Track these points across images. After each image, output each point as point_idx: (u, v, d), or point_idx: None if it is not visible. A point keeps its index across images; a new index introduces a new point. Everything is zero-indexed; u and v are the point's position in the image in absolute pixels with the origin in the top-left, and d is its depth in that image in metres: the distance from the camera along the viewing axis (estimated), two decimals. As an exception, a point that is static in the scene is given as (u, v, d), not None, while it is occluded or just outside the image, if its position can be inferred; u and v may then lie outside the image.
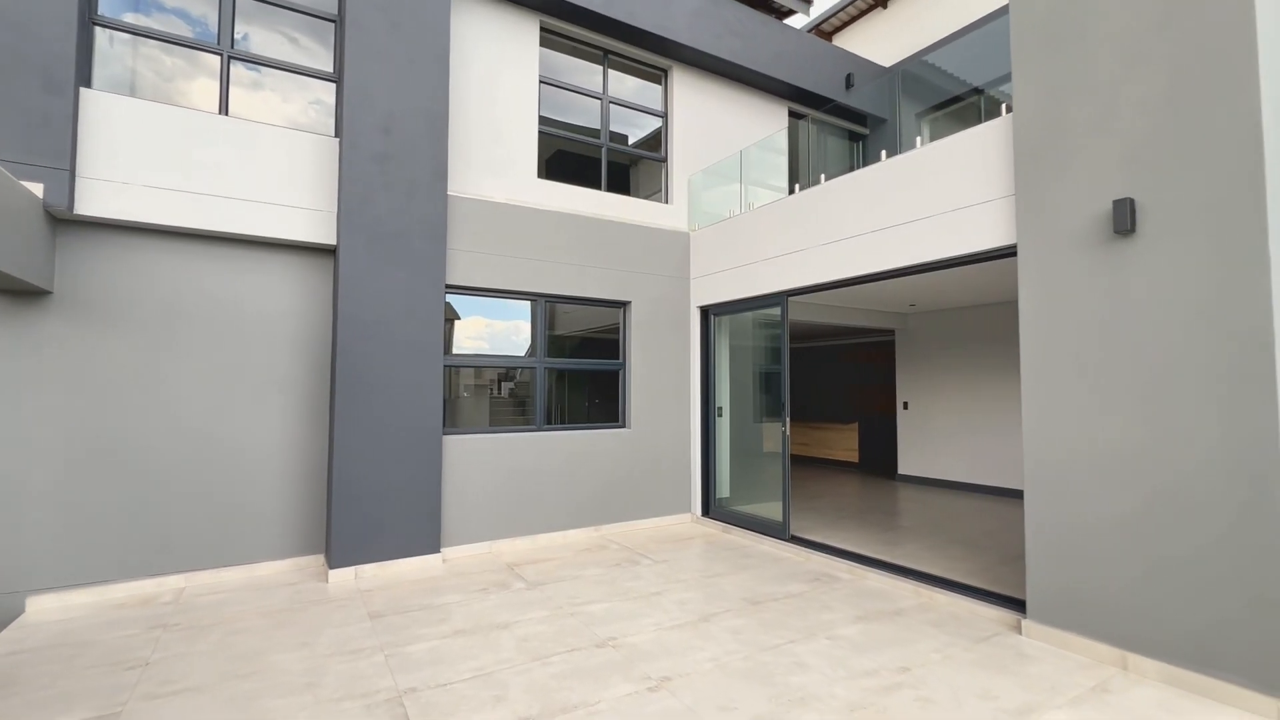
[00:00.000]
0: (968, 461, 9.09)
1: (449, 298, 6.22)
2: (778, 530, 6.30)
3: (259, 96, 5.56)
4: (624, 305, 7.22)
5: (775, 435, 6.50)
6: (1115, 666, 3.52)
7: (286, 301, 5.57)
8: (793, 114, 9.10)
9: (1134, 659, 3.46)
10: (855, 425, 11.40)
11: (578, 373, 7.18)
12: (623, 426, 7.10)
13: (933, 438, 9.64)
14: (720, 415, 7.45)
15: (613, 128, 7.60)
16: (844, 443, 11.60)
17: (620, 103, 7.51)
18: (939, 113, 9.57)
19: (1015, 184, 4.17)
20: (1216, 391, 3.23)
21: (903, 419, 10.04)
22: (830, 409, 12.42)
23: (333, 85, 5.78)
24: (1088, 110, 3.78)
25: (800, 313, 7.92)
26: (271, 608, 4.53)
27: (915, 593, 4.80)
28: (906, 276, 5.32)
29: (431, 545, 5.62)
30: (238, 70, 5.44)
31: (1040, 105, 4.04)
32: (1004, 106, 4.40)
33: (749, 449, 7.27)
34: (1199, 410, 3.29)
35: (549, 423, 6.79)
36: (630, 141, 7.87)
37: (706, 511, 7.34)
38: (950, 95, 9.20)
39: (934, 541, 6.18)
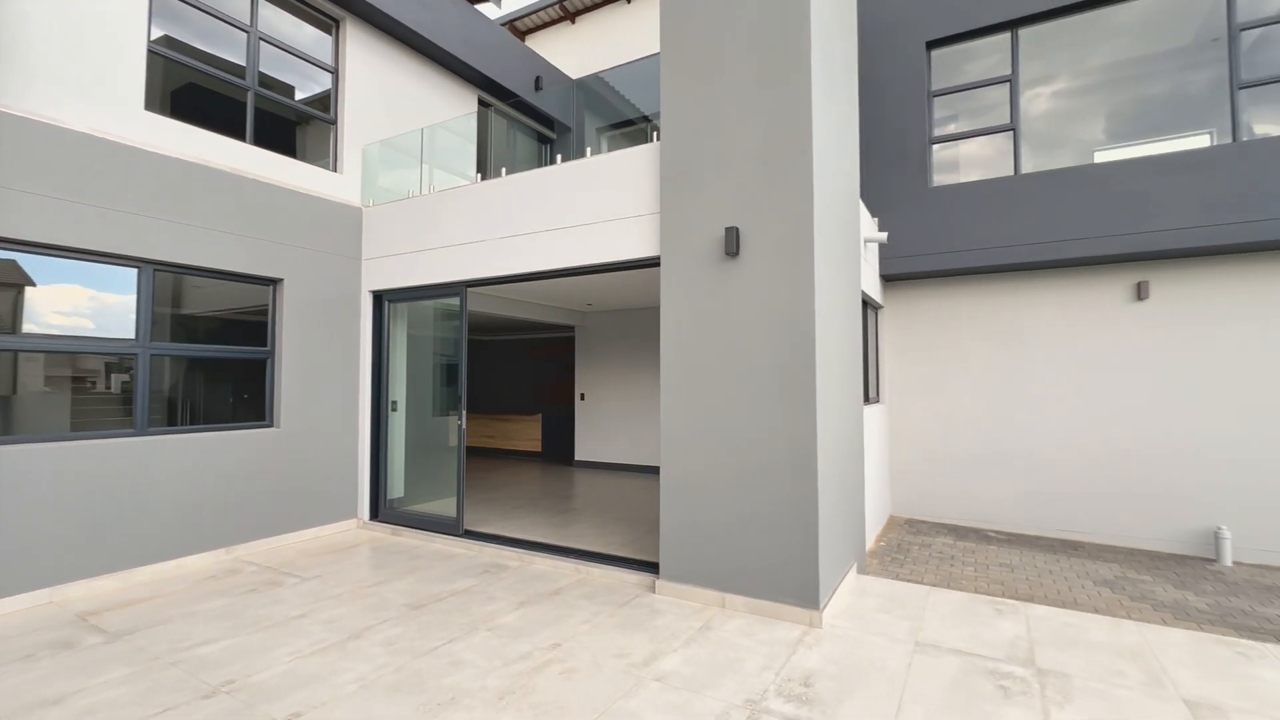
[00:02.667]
0: (633, 446, 10.30)
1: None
2: (452, 526, 6.13)
3: None
4: (274, 283, 6.13)
5: (456, 429, 6.31)
6: (717, 607, 4.35)
7: None
8: (483, 103, 8.98)
9: (729, 598, 4.32)
10: (539, 416, 11.90)
11: (220, 363, 5.82)
12: (270, 425, 6.03)
13: (605, 425, 10.64)
14: (395, 410, 6.92)
15: (278, 75, 6.41)
16: (528, 433, 12.01)
17: (273, 42, 6.33)
18: (617, 131, 10.55)
19: (661, 203, 4.81)
20: (782, 380, 4.22)
21: (580, 409, 10.85)
22: (516, 401, 12.71)
23: None
24: (712, 150, 4.56)
25: (484, 304, 7.86)
26: None
27: (575, 570, 5.18)
28: (578, 276, 5.69)
29: (-68, 608, 3.89)
30: None
31: (680, 139, 4.72)
32: (655, 134, 5.03)
33: (426, 445, 6.93)
34: (773, 393, 4.25)
35: (171, 423, 5.38)
36: (301, 96, 6.72)
37: (376, 515, 6.74)
38: (626, 118, 10.25)
39: (598, 520, 6.79)
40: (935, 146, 7.45)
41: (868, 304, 6.94)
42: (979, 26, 6.96)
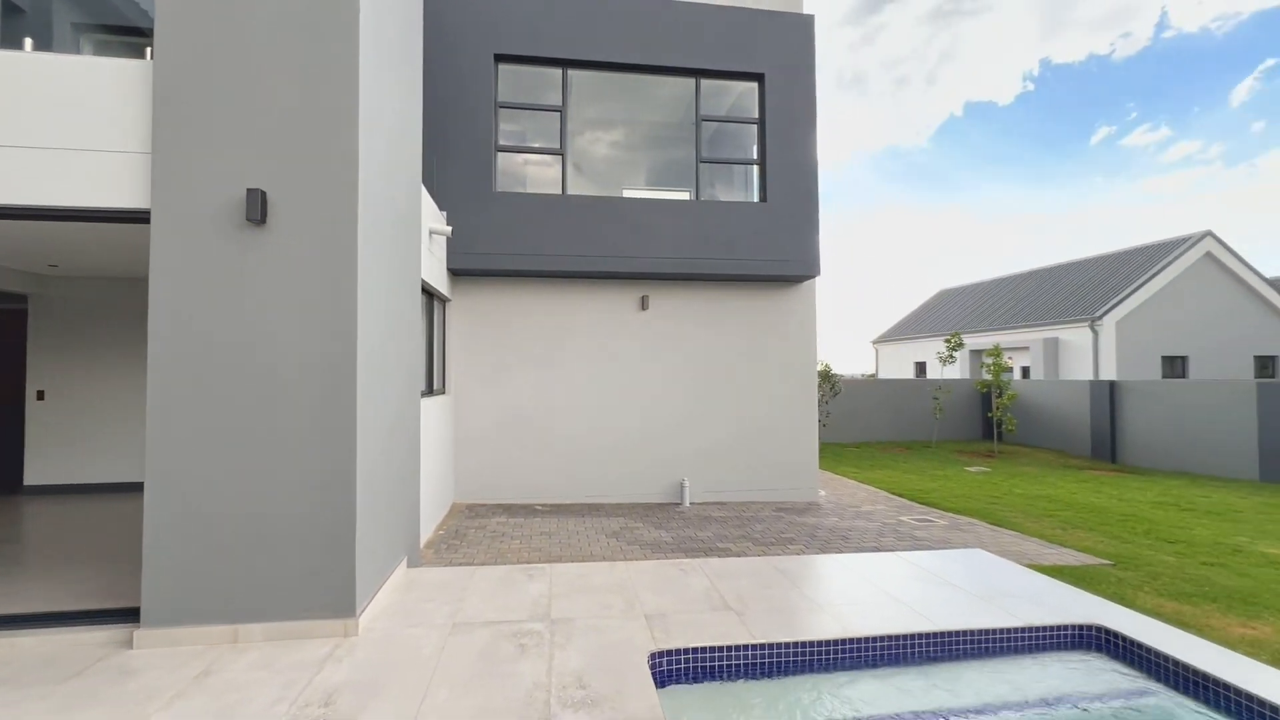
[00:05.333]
0: (128, 458, 7.84)
1: None
2: None
3: None
4: None
5: None
6: (227, 643, 3.61)
7: None
8: None
9: (244, 629, 3.64)
10: (-48, 426, 7.91)
11: None
12: None
13: (85, 434, 7.80)
14: None
15: None
16: (-73, 453, 7.85)
17: None
18: (115, 38, 7.84)
19: (154, 142, 3.71)
20: (318, 373, 3.78)
21: (35, 414, 7.67)
22: (-96, 404, 8.16)
23: None
24: (234, 89, 3.75)
25: None
26: None
27: (-10, 647, 3.57)
28: (5, 221, 3.94)
29: None
30: None
31: (187, 65, 3.73)
32: (149, 50, 3.86)
33: None
34: (305, 388, 3.77)
35: None
36: None
37: None
38: (132, 24, 7.71)
39: (50, 567, 4.88)
40: (504, 155, 7.99)
41: (434, 295, 6.94)
42: (535, 55, 7.76)
